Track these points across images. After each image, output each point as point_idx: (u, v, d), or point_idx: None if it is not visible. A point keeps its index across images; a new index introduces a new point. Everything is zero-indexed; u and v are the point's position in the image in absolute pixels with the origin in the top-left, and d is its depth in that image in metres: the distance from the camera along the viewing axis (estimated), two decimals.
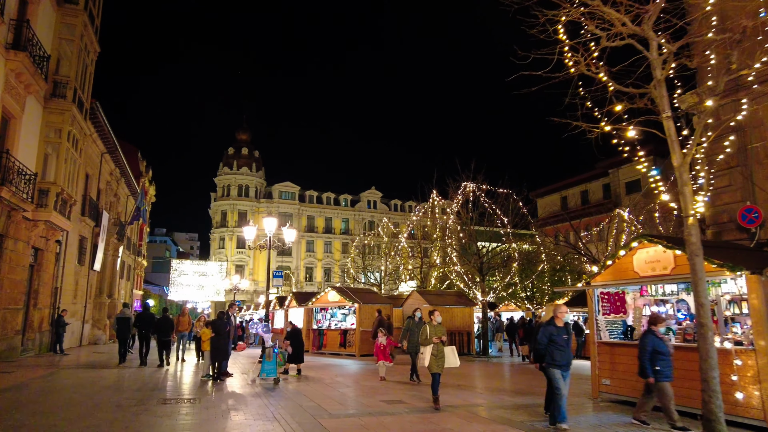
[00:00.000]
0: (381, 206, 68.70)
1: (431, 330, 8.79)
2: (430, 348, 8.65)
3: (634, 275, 9.38)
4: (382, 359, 12.32)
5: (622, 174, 53.96)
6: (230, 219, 60.74)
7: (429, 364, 8.62)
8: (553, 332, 7.27)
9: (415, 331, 11.55)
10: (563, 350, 7.22)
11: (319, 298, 22.84)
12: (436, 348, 8.67)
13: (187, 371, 14.27)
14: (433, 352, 8.63)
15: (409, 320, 12.14)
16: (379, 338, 12.33)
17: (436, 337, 8.71)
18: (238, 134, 65.09)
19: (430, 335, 8.72)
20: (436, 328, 8.87)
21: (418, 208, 27.93)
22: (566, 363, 7.29)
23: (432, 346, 8.65)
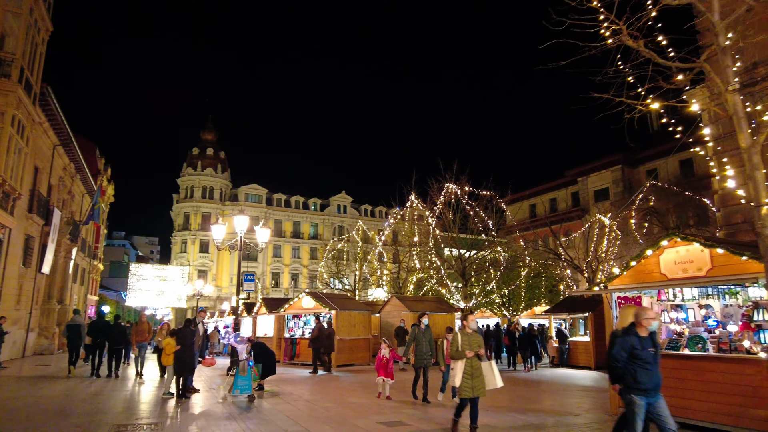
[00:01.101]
0: (351, 211, 67.30)
1: (464, 339, 6.95)
2: (462, 364, 6.87)
3: (661, 278, 8.42)
4: (383, 375, 10.51)
5: (590, 182, 54.34)
6: (193, 222, 58.17)
7: (461, 385, 6.83)
8: (635, 345, 5.49)
9: (422, 340, 10.23)
10: (650, 369, 5.50)
11: (292, 304, 21.31)
12: (470, 364, 6.85)
13: (146, 388, 12.58)
14: (466, 369, 6.84)
15: (414, 328, 10.63)
16: (381, 350, 10.71)
17: (471, 349, 6.85)
18: (204, 134, 62.63)
19: (463, 347, 6.89)
20: (471, 338, 7.02)
21: (395, 211, 26.71)
22: (654, 386, 5.52)
23: (465, 362, 6.86)
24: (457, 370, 6.94)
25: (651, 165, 50.86)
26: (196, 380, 12.11)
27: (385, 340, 10.79)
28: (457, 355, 6.96)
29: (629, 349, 5.52)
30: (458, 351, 6.96)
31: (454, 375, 7.03)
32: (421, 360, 10.16)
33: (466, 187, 21.74)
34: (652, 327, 5.63)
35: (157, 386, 12.55)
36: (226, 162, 62.48)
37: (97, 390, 11.70)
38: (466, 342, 7.00)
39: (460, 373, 6.87)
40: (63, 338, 21.45)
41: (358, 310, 20.45)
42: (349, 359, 19.27)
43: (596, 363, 19.11)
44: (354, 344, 19.64)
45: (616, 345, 5.68)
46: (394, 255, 30.68)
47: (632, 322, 5.72)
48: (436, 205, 22.43)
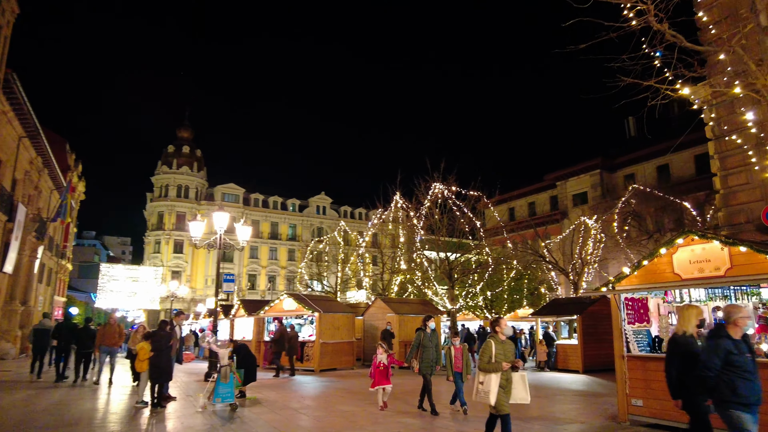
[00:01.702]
0: (331, 212, 66.42)
1: (498, 349, 5.98)
2: (497, 378, 5.86)
3: (674, 278, 7.97)
4: (382, 383, 9.52)
5: (569, 186, 54.69)
6: (167, 221, 56.50)
7: (497, 400, 5.83)
8: (730, 349, 4.54)
9: (429, 346, 9.43)
10: (750, 379, 4.50)
11: (272, 306, 20.45)
12: (505, 377, 5.93)
13: (117, 396, 11.64)
14: (501, 383, 5.89)
15: (419, 332, 9.66)
16: (377, 355, 9.82)
17: (506, 360, 5.96)
18: (179, 131, 60.94)
19: (497, 357, 5.94)
20: (505, 347, 6.06)
21: (380, 211, 26.03)
22: (757, 400, 4.55)
23: (500, 374, 5.90)
24: (491, 385, 5.86)
25: (629, 170, 51.40)
26: (171, 387, 11.26)
27: (382, 344, 9.95)
28: (492, 367, 5.92)
29: (724, 355, 4.53)
30: (492, 362, 5.93)
31: (486, 390, 5.91)
32: (428, 366, 9.33)
33: (453, 187, 21.19)
34: (747, 328, 4.80)
35: (129, 394, 11.63)
36: (202, 160, 60.98)
37: (61, 399, 10.75)
38: (500, 351, 5.98)
39: (496, 387, 5.85)
40: (27, 342, 20.23)
41: (341, 312, 19.74)
42: (332, 363, 18.54)
43: (585, 366, 18.80)
44: (337, 348, 18.93)
45: (705, 351, 4.76)
46: (376, 257, 30.09)
47: (719, 324, 4.89)
48: (422, 205, 21.84)
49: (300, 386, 13.74)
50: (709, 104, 11.61)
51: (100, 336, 13.21)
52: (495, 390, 5.85)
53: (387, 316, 20.16)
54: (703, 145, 45.25)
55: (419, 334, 9.56)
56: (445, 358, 9.42)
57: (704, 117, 11.75)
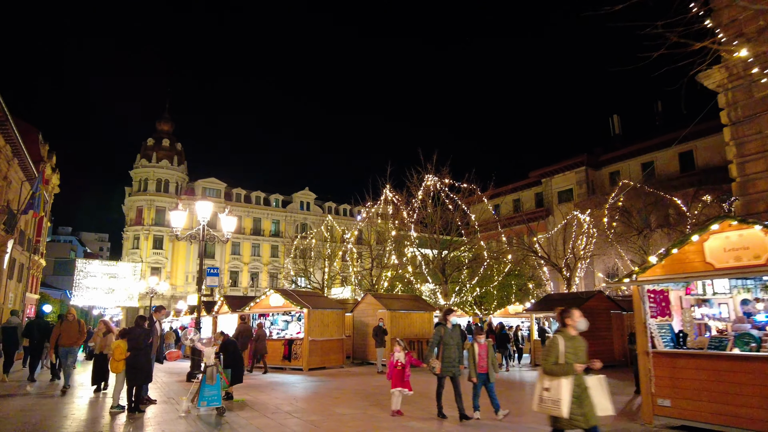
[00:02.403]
0: (315, 208, 65.35)
1: (568, 345, 4.90)
2: (569, 383, 4.72)
3: (705, 267, 7.32)
4: (399, 386, 8.43)
5: (554, 183, 54.63)
6: (147, 216, 54.85)
7: (571, 412, 4.68)
8: None
9: (450, 343, 8.25)
10: None
11: (258, 302, 19.51)
12: (577, 382, 4.78)
13: (82, 400, 10.64)
14: (573, 390, 4.74)
15: (439, 328, 8.40)
16: (394, 353, 8.62)
17: (579, 360, 4.84)
18: (159, 124, 59.22)
19: (567, 356, 4.83)
20: (576, 343, 4.97)
21: (369, 204, 25.20)
22: None
23: (572, 380, 4.75)
24: (561, 392, 4.67)
25: (614, 167, 51.48)
26: (151, 389, 10.32)
27: (399, 342, 8.88)
28: (561, 369, 4.77)
29: None
30: (561, 364, 4.80)
31: (555, 399, 4.73)
32: (450, 367, 8.19)
33: (447, 180, 20.49)
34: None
35: (92, 400, 10.63)
36: (183, 154, 59.40)
37: (29, 404, 9.74)
38: (570, 350, 4.86)
39: (568, 395, 4.67)
40: None
41: (331, 308, 18.90)
42: (321, 362, 17.70)
43: None
44: (327, 345, 18.09)
45: None
46: (363, 252, 29.25)
47: None
48: (413, 197, 21.09)
49: (290, 387, 12.87)
50: (724, 88, 11.04)
51: (56, 333, 11.60)
52: (567, 399, 4.65)
53: (378, 313, 19.37)
54: (687, 143, 45.41)
55: (438, 330, 8.40)
56: (468, 356, 8.40)
57: (719, 101, 11.17)
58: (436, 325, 8.76)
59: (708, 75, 11.23)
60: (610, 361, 19.34)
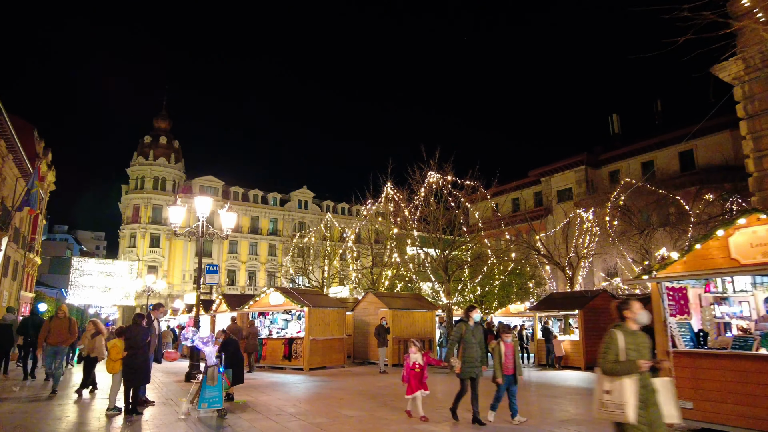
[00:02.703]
0: (313, 207, 64.96)
1: (629, 341, 4.30)
2: (632, 384, 4.12)
3: (731, 263, 7.01)
4: (418, 388, 7.91)
5: (554, 182, 54.43)
6: (143, 214, 54.35)
7: (637, 417, 4.07)
8: None
9: (472, 342, 7.72)
10: None
11: (257, 300, 19.15)
12: (642, 383, 4.17)
13: (86, 401, 10.26)
14: (639, 393, 4.13)
15: (460, 325, 7.88)
16: (411, 354, 8.13)
17: (642, 357, 4.25)
18: (157, 121, 58.71)
19: (629, 353, 4.24)
20: (637, 339, 4.36)
21: (369, 202, 24.84)
22: None
23: (636, 379, 4.15)
24: (625, 394, 4.07)
25: (613, 166, 51.32)
26: (149, 390, 9.97)
27: (416, 342, 8.40)
28: (623, 368, 4.17)
29: None
30: (623, 362, 4.20)
31: (618, 402, 4.11)
32: (471, 368, 7.67)
33: (449, 176, 20.16)
34: None
35: (82, 403, 10.26)
36: (180, 152, 58.91)
37: (20, 407, 9.36)
38: (632, 346, 4.28)
39: (633, 397, 4.08)
40: None
41: (332, 307, 18.55)
42: (322, 361, 17.35)
43: (586, 363, 17.99)
44: (328, 345, 17.74)
45: None
46: (360, 251, 28.95)
47: None
48: (415, 194, 20.75)
49: (292, 387, 12.52)
50: (741, 80, 10.75)
51: (44, 331, 10.93)
52: (633, 401, 4.02)
53: (379, 311, 19.03)
54: (687, 143, 45.22)
55: (460, 327, 7.87)
56: (493, 356, 7.93)
57: (735, 94, 10.88)
58: (457, 322, 8.18)
59: (724, 67, 10.94)
60: None
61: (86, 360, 10.38)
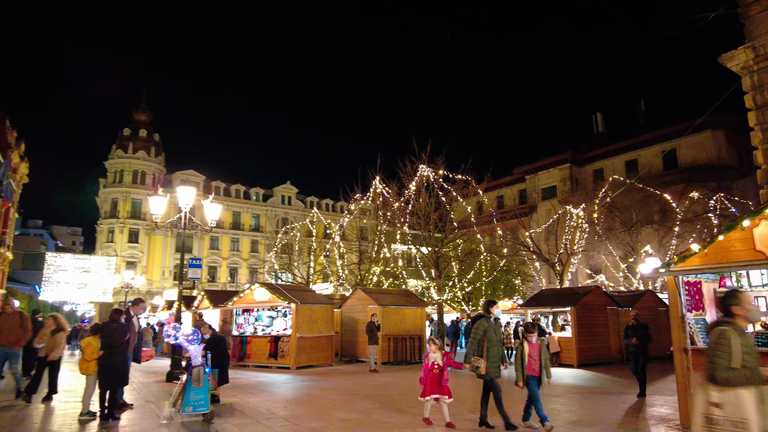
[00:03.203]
0: (296, 203, 64.07)
1: (744, 344, 3.57)
2: (753, 397, 3.44)
3: (756, 255, 6.57)
4: (435, 392, 7.10)
5: (539, 180, 54.58)
6: (122, 209, 52.89)
7: None
8: None
9: (494, 341, 7.10)
10: None
11: (242, 296, 18.43)
12: (761, 396, 3.44)
13: (56, 404, 9.49)
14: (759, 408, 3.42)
15: (481, 321, 7.14)
16: (429, 353, 7.29)
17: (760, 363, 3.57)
18: (137, 114, 57.15)
19: (747, 357, 3.53)
20: (748, 339, 3.65)
21: (357, 196, 24.24)
22: None
23: (757, 392, 3.45)
24: (746, 409, 3.36)
25: (598, 165, 51.68)
26: (127, 391, 9.25)
27: (435, 341, 7.44)
28: (743, 377, 3.47)
29: None
30: (739, 369, 3.49)
31: (737, 420, 3.39)
32: (495, 368, 6.95)
33: (441, 171, 19.68)
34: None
35: (65, 402, 9.50)
36: (160, 145, 57.47)
37: None
38: (747, 348, 3.58)
39: (756, 413, 3.36)
40: None
41: (319, 303, 17.95)
42: (309, 360, 16.75)
43: (579, 361, 17.72)
44: (315, 343, 17.13)
45: None
46: (347, 248, 28.32)
47: None
48: (405, 188, 20.23)
49: (280, 387, 11.89)
50: (749, 70, 10.42)
51: None
52: (757, 418, 3.30)
53: (369, 308, 18.48)
54: (670, 142, 45.69)
55: (481, 324, 7.12)
56: (515, 357, 7.27)
57: (743, 84, 10.55)
58: (477, 318, 7.40)
59: (732, 56, 10.60)
60: (607, 359, 18.80)
61: (41, 362, 9.22)
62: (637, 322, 11.20)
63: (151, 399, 9.60)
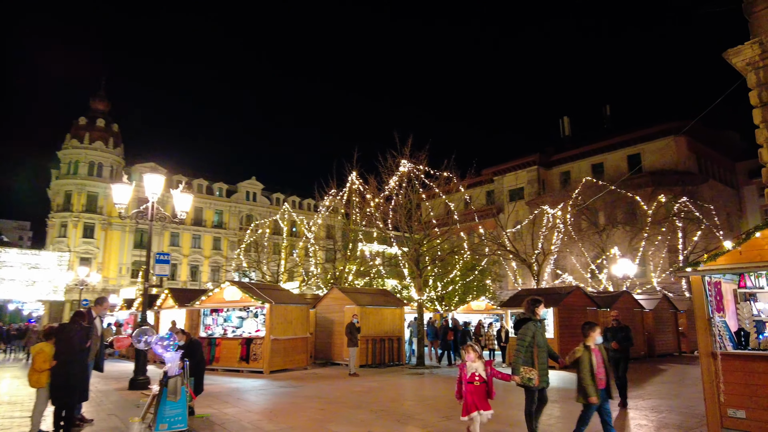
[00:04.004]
0: (262, 199, 62.29)
1: None
2: None
3: None
4: (483, 407, 5.89)
5: (506, 181, 54.97)
6: (76, 202, 49.94)
7: None
8: None
9: (542, 346, 6.23)
10: None
11: (210, 296, 17.20)
12: None
13: None
14: None
15: (528, 324, 6.23)
16: (468, 362, 5.99)
17: None
18: (94, 102, 54.03)
19: None
20: None
21: (332, 192, 23.28)
22: None
23: None
24: None
25: (565, 167, 52.46)
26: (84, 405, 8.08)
27: (474, 347, 6.16)
28: None
29: None
30: None
31: None
32: (545, 376, 6.17)
33: (421, 166, 18.99)
34: None
35: (10, 419, 8.25)
36: (119, 136, 54.66)
37: None
38: None
39: None
40: None
41: (295, 303, 16.93)
42: (284, 363, 15.72)
43: (561, 363, 17.32)
44: (290, 345, 16.13)
45: None
46: (320, 246, 27.35)
47: None
48: (386, 183, 19.45)
49: (258, 395, 10.87)
50: (755, 66, 10.10)
51: None
52: None
53: (346, 308, 17.61)
54: (635, 146, 46.73)
55: (529, 328, 6.21)
56: (582, 367, 6.06)
57: (749, 81, 10.23)
58: (522, 321, 6.32)
59: (738, 51, 10.27)
60: None
61: None
62: (618, 323, 10.37)
63: (114, 412, 8.43)
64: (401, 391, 11.91)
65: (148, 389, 7.70)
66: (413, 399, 10.43)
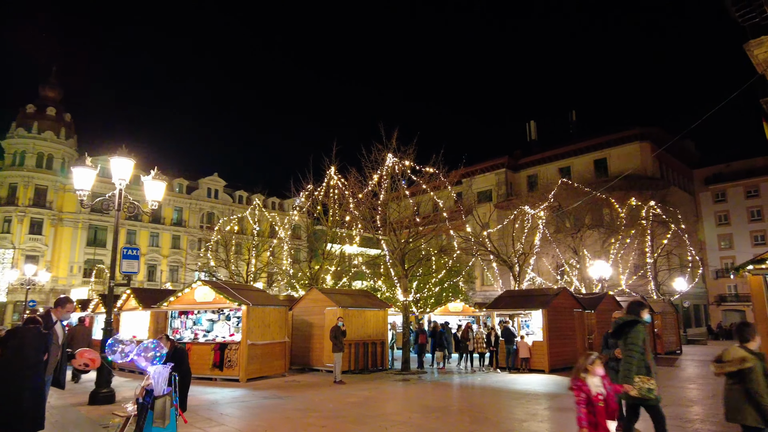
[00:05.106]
0: (224, 197, 59.97)
1: None
2: None
3: None
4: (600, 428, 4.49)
5: (475, 184, 54.95)
6: (22, 195, 46.49)
7: None
8: None
9: (648, 351, 5.31)
10: None
11: (180, 296, 15.66)
12: None
13: None
14: None
15: (638, 328, 5.35)
16: (588, 376, 4.60)
17: None
18: (44, 89, 50.49)
19: None
20: None
21: (309, 187, 22.04)
22: None
23: None
24: None
25: (532, 170, 52.90)
26: None
27: (594, 355, 4.73)
28: None
29: None
30: None
31: None
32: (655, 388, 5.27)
33: (407, 162, 18.10)
34: None
35: None
36: (72, 127, 51.34)
37: None
38: None
39: None
40: None
41: (273, 305, 15.66)
42: (261, 370, 14.43)
43: (551, 366, 16.76)
44: (268, 350, 14.84)
45: None
46: (300, 246, 26.03)
47: None
48: (369, 179, 18.44)
49: (243, 409, 9.60)
50: None
51: None
52: None
53: (327, 310, 16.45)
54: (602, 151, 47.39)
55: (639, 332, 5.31)
56: (749, 377, 4.77)
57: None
58: (630, 324, 5.42)
59: (761, 42, 9.78)
60: (575, 363, 18.04)
61: None
62: None
63: None
64: (399, 400, 10.89)
65: (122, 407, 6.35)
66: (418, 410, 9.41)
